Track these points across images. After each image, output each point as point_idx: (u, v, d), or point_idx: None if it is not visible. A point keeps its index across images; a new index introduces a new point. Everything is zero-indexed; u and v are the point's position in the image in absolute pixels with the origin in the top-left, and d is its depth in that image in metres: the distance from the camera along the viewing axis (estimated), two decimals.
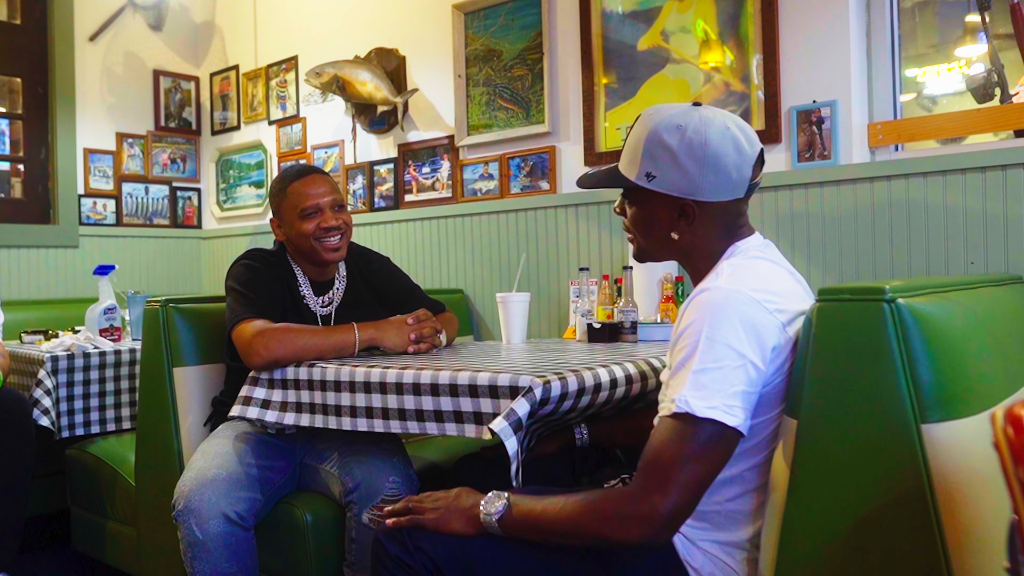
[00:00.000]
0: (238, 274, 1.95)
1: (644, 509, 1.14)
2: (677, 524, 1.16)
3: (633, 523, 1.14)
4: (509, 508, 1.26)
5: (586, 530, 1.19)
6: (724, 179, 1.26)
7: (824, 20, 2.26)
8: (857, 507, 1.09)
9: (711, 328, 1.16)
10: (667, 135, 1.26)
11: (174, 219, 4.13)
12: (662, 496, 1.13)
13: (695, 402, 1.13)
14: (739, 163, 1.26)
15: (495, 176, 3.01)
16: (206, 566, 1.73)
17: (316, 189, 1.98)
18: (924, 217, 2.09)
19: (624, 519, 1.15)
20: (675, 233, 1.31)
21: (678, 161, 1.26)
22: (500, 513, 1.26)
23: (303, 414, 1.74)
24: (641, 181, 1.30)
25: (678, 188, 1.28)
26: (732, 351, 1.14)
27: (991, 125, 2.15)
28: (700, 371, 1.14)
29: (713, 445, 1.14)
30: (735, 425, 1.14)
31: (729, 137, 1.26)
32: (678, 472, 1.13)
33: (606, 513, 1.17)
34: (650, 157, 1.28)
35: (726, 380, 1.14)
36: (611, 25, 2.69)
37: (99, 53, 3.90)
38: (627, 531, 1.15)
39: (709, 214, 1.29)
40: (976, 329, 1.23)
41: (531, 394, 1.39)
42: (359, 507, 1.77)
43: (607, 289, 2.49)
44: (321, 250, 1.97)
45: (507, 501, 1.27)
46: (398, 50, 3.31)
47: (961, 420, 1.06)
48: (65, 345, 2.50)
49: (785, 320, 1.20)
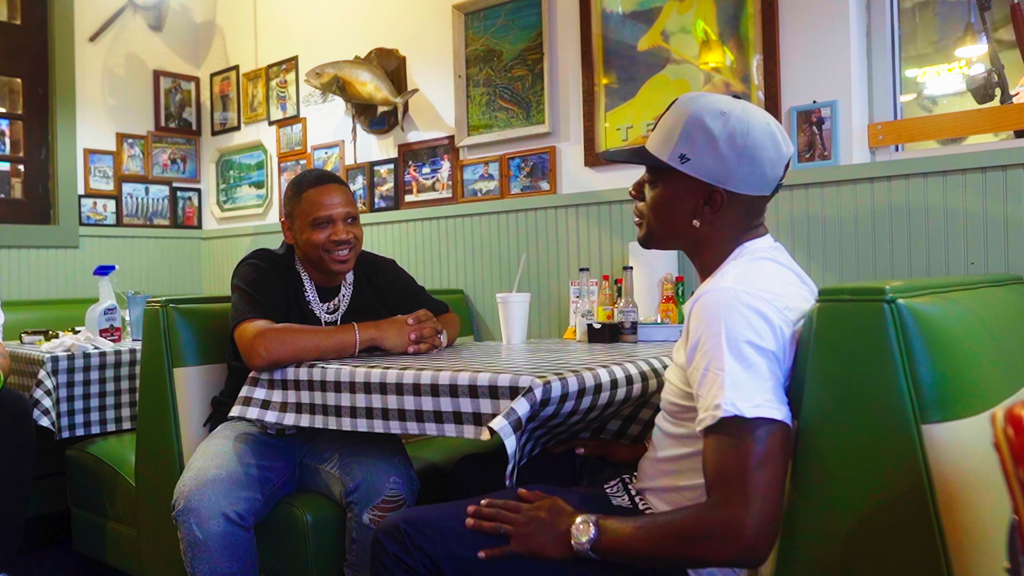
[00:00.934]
0: (244, 273, 1.95)
1: (729, 525, 1.08)
2: (768, 535, 1.09)
3: (722, 543, 1.09)
4: (601, 534, 1.22)
5: (680, 555, 1.16)
6: (758, 173, 1.25)
7: (824, 20, 2.26)
8: (857, 507, 1.09)
9: (729, 328, 1.14)
10: (710, 119, 1.24)
11: (174, 219, 4.13)
12: (742, 508, 1.08)
13: (742, 404, 1.09)
14: (775, 160, 1.26)
15: (495, 176, 3.01)
16: (206, 566, 1.73)
17: (331, 199, 1.96)
18: (924, 217, 2.09)
19: (713, 540, 1.10)
20: (697, 220, 1.29)
21: (717, 146, 1.24)
22: (593, 540, 1.23)
23: (303, 414, 1.74)
24: (674, 162, 1.27)
25: (711, 174, 1.26)
26: (755, 348, 1.13)
27: (991, 125, 2.15)
28: (734, 373, 1.11)
29: (772, 443, 1.10)
30: (782, 418, 1.11)
31: (769, 133, 1.25)
32: (749, 480, 1.08)
33: (694, 535, 1.13)
34: (688, 139, 1.26)
35: (760, 376, 1.12)
36: (611, 25, 2.69)
37: (99, 53, 3.90)
38: (720, 552, 1.10)
39: (734, 206, 1.28)
40: (976, 329, 1.23)
41: (531, 394, 1.39)
42: (359, 507, 1.78)
43: (607, 289, 2.49)
44: (329, 261, 1.97)
45: (596, 528, 1.23)
46: (398, 50, 3.31)
47: (961, 420, 1.06)
48: (65, 345, 2.50)
49: (793, 319, 1.19)
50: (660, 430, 1.36)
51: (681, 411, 1.28)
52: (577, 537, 1.23)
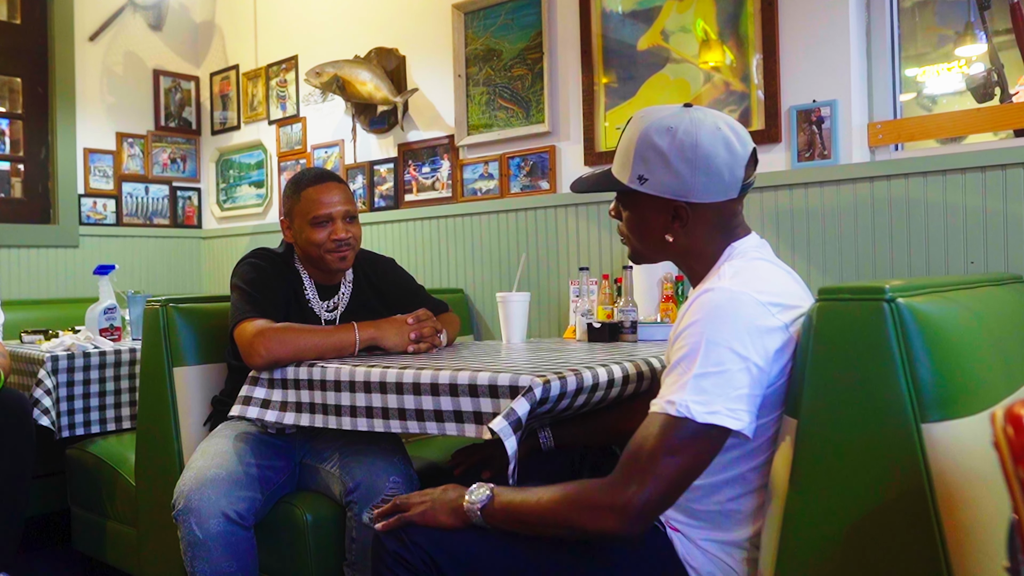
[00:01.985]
0: (243, 272, 1.95)
1: (619, 500, 1.14)
2: (650, 517, 1.16)
3: (607, 514, 1.15)
4: (492, 498, 1.28)
5: (562, 519, 1.20)
6: (716, 180, 1.26)
7: (824, 20, 2.26)
8: (857, 507, 1.09)
9: (713, 331, 1.15)
10: (658, 137, 1.26)
11: (174, 219, 4.13)
12: (639, 487, 1.13)
13: (696, 407, 1.12)
14: (731, 163, 1.25)
15: (495, 176, 3.01)
16: (206, 566, 1.73)
17: (330, 198, 1.96)
18: (924, 217, 2.09)
19: (598, 509, 1.15)
20: (669, 236, 1.30)
21: (669, 163, 1.25)
22: (483, 503, 1.28)
23: (303, 414, 1.74)
24: (633, 184, 1.29)
25: (670, 190, 1.27)
26: (734, 354, 1.13)
27: (991, 125, 2.15)
28: (702, 375, 1.13)
29: (699, 441, 1.13)
30: (739, 429, 1.13)
31: (720, 138, 1.25)
32: (658, 464, 1.12)
33: (582, 503, 1.18)
34: (641, 160, 1.27)
35: (729, 384, 1.13)
36: (611, 25, 2.69)
37: (99, 53, 3.90)
38: (601, 521, 1.15)
39: (703, 215, 1.29)
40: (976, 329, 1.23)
41: (531, 393, 1.39)
42: (359, 507, 1.78)
43: (607, 289, 2.49)
44: (329, 260, 1.97)
45: (490, 492, 1.29)
46: (398, 50, 3.31)
47: (961, 420, 1.06)
48: (65, 345, 2.50)
49: (788, 320, 1.19)
50: None
51: None
52: (469, 497, 1.29)
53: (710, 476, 1.25)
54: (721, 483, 1.25)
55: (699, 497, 1.27)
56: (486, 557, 1.30)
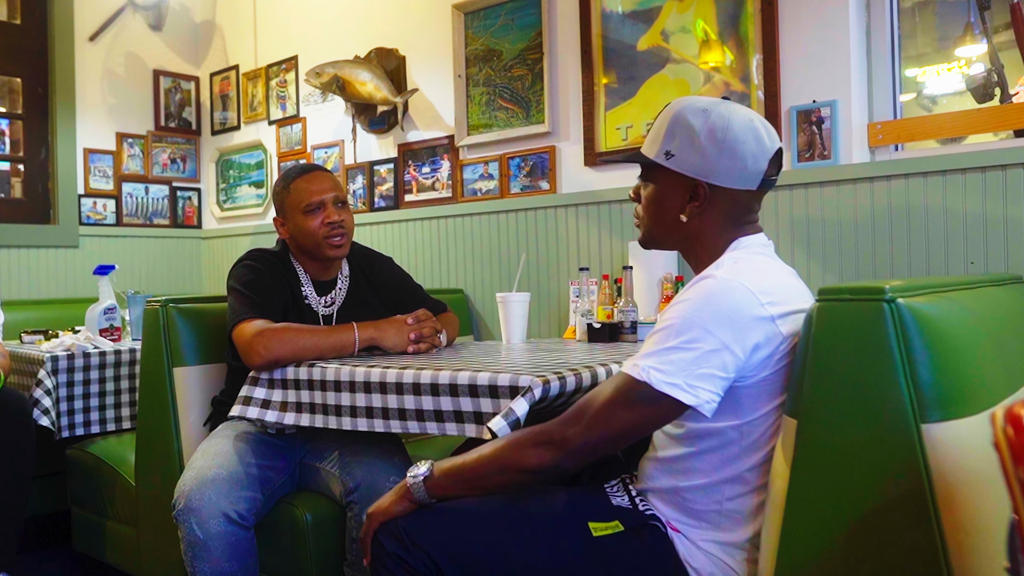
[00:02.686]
0: (239, 275, 1.95)
1: (559, 435, 1.20)
2: (585, 457, 1.21)
3: (545, 447, 1.21)
4: (432, 470, 1.32)
5: (500, 462, 1.25)
6: (739, 166, 1.28)
7: (824, 20, 2.26)
8: (857, 507, 1.09)
9: (696, 311, 1.19)
10: (691, 116, 1.30)
11: (174, 219, 4.13)
12: (584, 428, 1.19)
13: (656, 375, 1.17)
14: (756, 154, 1.29)
15: (495, 176, 3.01)
16: (206, 566, 1.73)
17: (319, 185, 2.00)
18: (924, 217, 2.10)
19: (537, 445, 1.22)
20: (684, 215, 1.33)
21: (697, 141, 1.28)
22: (425, 475, 1.32)
23: (303, 414, 1.74)
24: (659, 159, 1.32)
25: (693, 168, 1.30)
26: (711, 335, 1.17)
27: (991, 125, 2.15)
28: (673, 348, 1.18)
29: (652, 407, 1.18)
30: (693, 404, 1.17)
31: (751, 128, 1.29)
32: (608, 413, 1.19)
33: (522, 442, 1.24)
34: (671, 136, 1.31)
35: (695, 362, 1.17)
36: (611, 25, 2.69)
37: (99, 53, 3.90)
38: (537, 456, 1.21)
39: (719, 201, 1.31)
40: (976, 329, 1.23)
41: (530, 394, 1.39)
42: (360, 507, 1.78)
43: (607, 289, 2.49)
44: (325, 247, 1.98)
45: (430, 465, 1.33)
46: (398, 50, 3.31)
47: (961, 420, 1.06)
48: (65, 345, 2.50)
49: (777, 314, 1.20)
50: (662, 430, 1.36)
51: None
52: (411, 473, 1.33)
53: (710, 475, 1.26)
54: (721, 482, 1.25)
55: (699, 497, 1.27)
56: (485, 558, 1.30)
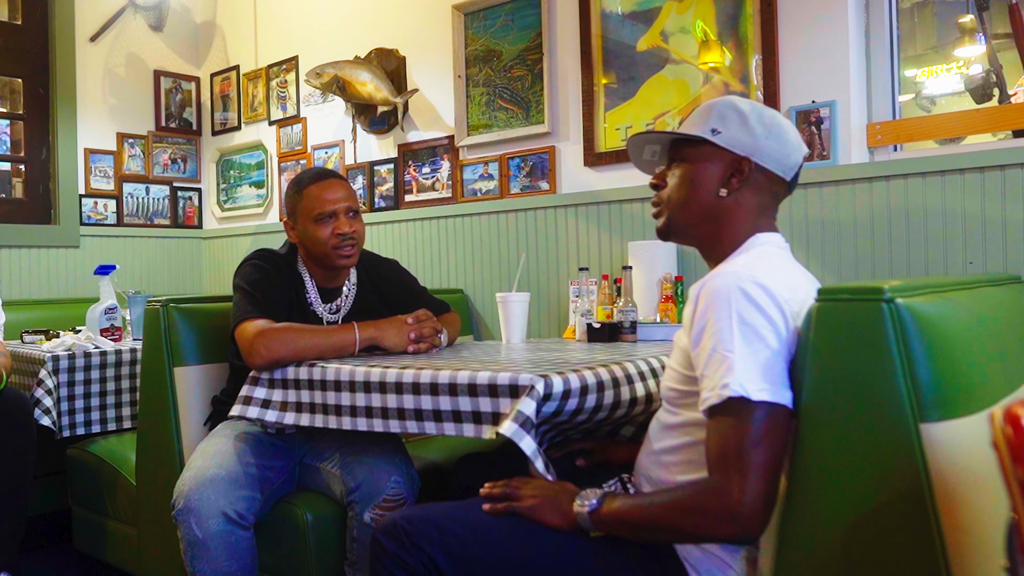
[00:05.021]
0: (246, 273, 1.95)
1: (725, 501, 1.12)
2: (762, 512, 1.13)
3: (717, 518, 1.14)
4: (601, 505, 1.28)
5: (675, 526, 1.20)
6: (783, 151, 1.35)
7: (823, 20, 2.26)
8: (856, 507, 1.09)
9: (739, 311, 1.16)
10: (739, 102, 1.37)
11: (175, 219, 4.13)
12: (738, 486, 1.12)
13: (749, 386, 1.13)
14: (796, 146, 1.37)
15: (495, 176, 3.01)
16: (206, 565, 1.73)
17: (333, 194, 1.98)
18: (923, 217, 2.10)
19: (708, 514, 1.15)
20: (725, 189, 1.34)
21: (747, 121, 1.34)
22: (593, 507, 1.28)
23: (303, 414, 1.74)
24: (706, 134, 1.35)
25: (741, 145, 1.34)
26: (763, 331, 1.15)
27: (990, 125, 2.16)
28: (743, 355, 1.14)
29: (772, 425, 1.13)
30: (785, 403, 1.14)
31: (791, 126, 1.39)
32: (746, 459, 1.12)
33: (692, 509, 1.17)
34: (720, 117, 1.35)
35: (767, 360, 1.15)
36: (611, 25, 2.70)
37: (100, 53, 3.91)
38: (719, 528, 1.15)
39: (758, 183, 1.35)
40: (975, 329, 1.23)
41: (533, 391, 1.39)
42: (361, 507, 1.78)
43: (607, 289, 2.49)
44: (334, 256, 1.97)
45: (599, 499, 1.29)
46: (398, 50, 3.31)
47: (960, 420, 1.06)
48: (66, 345, 2.51)
49: (795, 311, 1.20)
50: (658, 421, 1.37)
51: (680, 397, 1.30)
52: (580, 502, 1.29)
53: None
54: None
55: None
56: (485, 558, 1.30)
